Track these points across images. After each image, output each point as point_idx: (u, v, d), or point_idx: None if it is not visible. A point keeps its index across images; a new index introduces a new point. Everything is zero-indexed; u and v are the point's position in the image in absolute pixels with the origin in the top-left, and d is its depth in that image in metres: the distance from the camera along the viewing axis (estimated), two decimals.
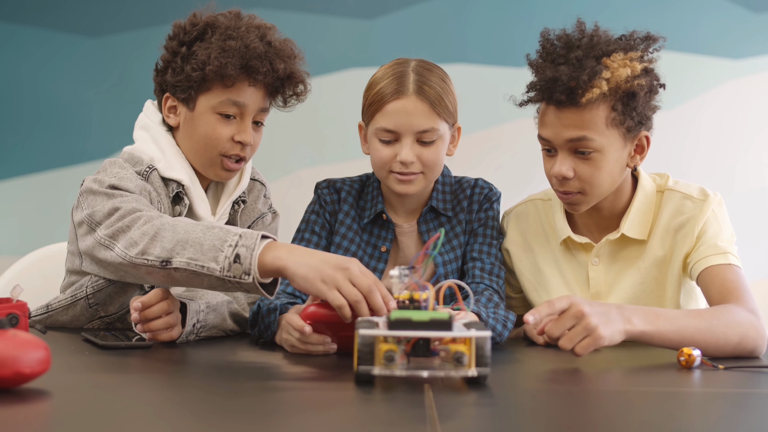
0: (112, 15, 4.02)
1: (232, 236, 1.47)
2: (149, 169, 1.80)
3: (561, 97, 1.70)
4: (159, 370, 1.40)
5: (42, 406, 1.08)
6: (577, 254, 1.88)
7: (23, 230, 4.01)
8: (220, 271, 1.46)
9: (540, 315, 1.46)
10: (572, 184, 1.76)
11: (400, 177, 1.79)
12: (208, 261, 1.46)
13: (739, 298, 1.67)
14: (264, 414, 1.08)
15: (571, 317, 1.46)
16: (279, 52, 1.81)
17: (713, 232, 1.77)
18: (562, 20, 1.80)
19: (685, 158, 3.96)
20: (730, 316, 1.61)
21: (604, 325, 1.47)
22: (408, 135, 1.77)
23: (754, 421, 1.15)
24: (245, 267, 1.44)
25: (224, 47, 1.76)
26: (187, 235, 1.50)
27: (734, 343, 1.58)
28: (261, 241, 1.46)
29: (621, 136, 1.74)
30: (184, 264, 1.48)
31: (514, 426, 1.07)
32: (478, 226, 1.90)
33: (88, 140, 3.98)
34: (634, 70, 1.70)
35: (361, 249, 1.88)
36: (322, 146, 3.95)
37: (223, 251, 1.46)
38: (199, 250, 1.48)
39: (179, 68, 1.80)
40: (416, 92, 1.76)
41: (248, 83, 1.80)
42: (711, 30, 4.02)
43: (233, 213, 1.92)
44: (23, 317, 1.40)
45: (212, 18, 1.82)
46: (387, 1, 4.00)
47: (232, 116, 1.81)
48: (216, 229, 1.50)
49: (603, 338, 1.46)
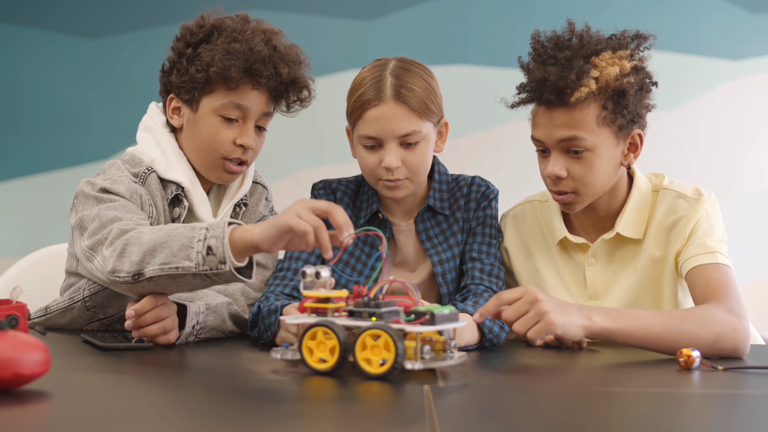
0: (111, 16, 4.02)
1: (199, 231, 1.48)
2: (147, 171, 1.79)
3: (550, 97, 1.71)
4: (158, 372, 1.40)
5: (42, 408, 1.08)
6: (573, 255, 1.88)
7: (23, 231, 4.01)
8: (195, 267, 1.47)
9: (487, 311, 1.53)
10: (566, 184, 1.77)
11: (388, 184, 1.80)
12: (181, 261, 1.48)
13: (721, 298, 1.67)
14: (264, 415, 1.08)
15: (524, 303, 1.52)
16: (284, 56, 1.81)
17: (704, 231, 1.77)
18: (561, 21, 1.80)
19: (685, 159, 3.96)
20: (704, 316, 1.61)
21: (558, 314, 1.51)
22: (390, 140, 1.77)
23: (753, 422, 1.15)
24: (219, 257, 1.46)
25: (229, 50, 1.76)
26: (153, 242, 1.51)
27: (709, 343, 1.58)
28: (227, 228, 1.48)
29: (613, 134, 1.75)
30: (158, 271, 1.50)
31: (513, 426, 1.07)
32: (477, 225, 1.89)
33: (87, 141, 3.98)
34: (623, 68, 1.71)
35: (359, 248, 1.88)
36: (321, 147, 3.95)
37: (193, 247, 1.47)
38: (169, 253, 1.49)
39: (184, 69, 1.80)
40: (394, 97, 1.76)
41: (251, 86, 1.80)
42: (710, 31, 4.03)
43: (235, 216, 1.92)
44: (23, 318, 1.40)
45: (219, 21, 1.82)
46: (386, 2, 4.01)
47: (235, 119, 1.81)
48: (181, 229, 1.51)
49: (554, 324, 1.50)
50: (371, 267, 1.87)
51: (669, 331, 1.57)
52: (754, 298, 3.94)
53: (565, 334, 1.53)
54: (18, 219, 4.01)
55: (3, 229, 4.01)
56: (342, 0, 4.02)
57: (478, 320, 1.55)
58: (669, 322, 1.59)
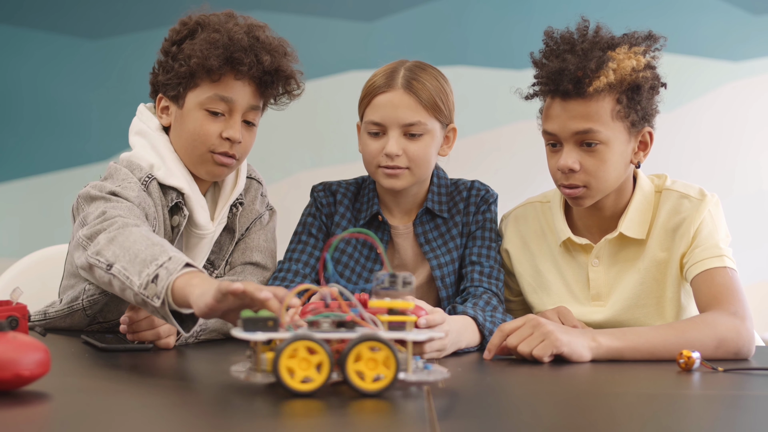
0: (111, 17, 4.02)
1: (164, 256, 1.41)
2: (149, 178, 1.76)
3: (568, 86, 1.71)
4: (158, 373, 1.40)
5: (41, 409, 1.08)
6: (576, 256, 1.88)
7: (23, 232, 4.01)
8: (138, 286, 1.41)
9: (494, 345, 1.56)
10: (578, 177, 1.76)
11: (387, 171, 1.80)
12: (134, 274, 1.42)
13: (724, 303, 1.68)
14: (263, 416, 1.08)
15: (528, 327, 1.54)
16: (266, 45, 1.78)
17: (708, 232, 1.77)
18: (560, 23, 1.81)
19: (685, 160, 3.96)
20: (704, 323, 1.63)
21: (562, 333, 1.54)
22: (394, 128, 1.78)
23: (754, 423, 1.15)
24: (158, 289, 1.38)
25: (209, 40, 1.75)
26: (135, 244, 1.47)
27: (712, 348, 1.59)
28: (184, 268, 1.39)
29: (626, 129, 1.75)
30: (118, 271, 1.45)
31: (514, 427, 1.07)
32: (476, 229, 1.90)
33: (87, 142, 3.98)
34: (638, 62, 1.72)
35: (357, 250, 1.89)
36: (321, 148, 3.95)
37: (148, 268, 1.41)
38: (133, 261, 1.44)
39: (170, 67, 1.80)
40: (404, 86, 1.79)
41: (234, 77, 1.77)
42: (710, 32, 4.03)
43: (231, 216, 1.90)
44: (23, 320, 1.40)
45: (203, 17, 1.81)
46: (386, 3, 4.01)
47: (221, 113, 1.78)
48: (157, 247, 1.45)
49: (560, 341, 1.52)
50: (369, 270, 1.87)
51: (672, 342, 1.58)
52: (753, 299, 3.93)
53: (572, 353, 1.53)
54: (18, 220, 4.01)
55: (3, 230, 4.00)
56: (342, 1, 4.02)
57: (488, 357, 1.56)
58: (672, 334, 1.60)
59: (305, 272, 1.85)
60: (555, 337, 1.52)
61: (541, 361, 1.51)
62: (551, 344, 1.51)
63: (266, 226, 1.96)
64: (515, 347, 1.53)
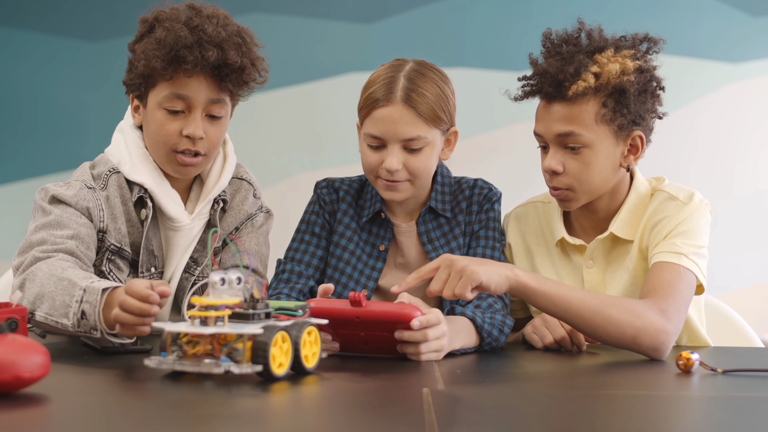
0: (110, 19, 4.02)
1: (78, 291, 1.50)
2: (110, 171, 1.80)
3: (549, 89, 1.73)
4: (158, 374, 1.40)
5: (41, 411, 1.08)
6: (572, 256, 1.88)
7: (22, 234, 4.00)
8: (72, 327, 1.50)
9: (408, 284, 1.56)
10: (561, 180, 1.77)
11: (387, 183, 1.80)
12: (61, 317, 1.51)
13: (660, 298, 1.64)
14: (261, 417, 1.09)
15: (443, 269, 1.55)
16: (212, 39, 1.73)
17: (682, 232, 1.74)
18: (558, 25, 1.81)
19: (683, 162, 3.96)
20: (630, 308, 1.61)
21: (477, 265, 1.55)
22: (394, 142, 1.77)
23: (753, 425, 1.15)
24: (92, 323, 1.48)
25: (156, 39, 1.74)
26: (42, 288, 1.55)
27: (629, 336, 1.59)
28: (103, 295, 1.48)
29: (612, 133, 1.75)
30: (43, 318, 1.54)
31: (513, 429, 1.07)
32: (479, 228, 1.89)
33: (86, 144, 3.98)
34: (625, 66, 1.72)
35: (360, 248, 1.88)
36: (320, 150, 3.95)
37: (71, 307, 1.49)
38: (52, 305, 1.53)
39: (132, 66, 1.81)
40: (403, 100, 1.75)
41: (184, 74, 1.74)
42: (709, 33, 4.03)
43: (213, 213, 1.87)
44: (23, 322, 1.40)
45: (161, 13, 1.78)
46: (385, 5, 4.01)
47: (180, 111, 1.76)
48: (65, 282, 1.53)
49: (476, 272, 1.53)
50: (371, 267, 1.87)
51: (591, 309, 1.58)
52: (752, 301, 3.94)
53: (489, 282, 1.54)
54: (17, 222, 4.00)
55: (3, 232, 4.00)
56: (341, 3, 4.02)
57: (398, 291, 1.56)
58: (593, 302, 1.60)
59: (308, 273, 1.85)
60: (471, 270, 1.53)
61: (465, 299, 1.53)
62: (468, 279, 1.52)
63: (258, 229, 1.92)
64: (439, 293, 1.54)
